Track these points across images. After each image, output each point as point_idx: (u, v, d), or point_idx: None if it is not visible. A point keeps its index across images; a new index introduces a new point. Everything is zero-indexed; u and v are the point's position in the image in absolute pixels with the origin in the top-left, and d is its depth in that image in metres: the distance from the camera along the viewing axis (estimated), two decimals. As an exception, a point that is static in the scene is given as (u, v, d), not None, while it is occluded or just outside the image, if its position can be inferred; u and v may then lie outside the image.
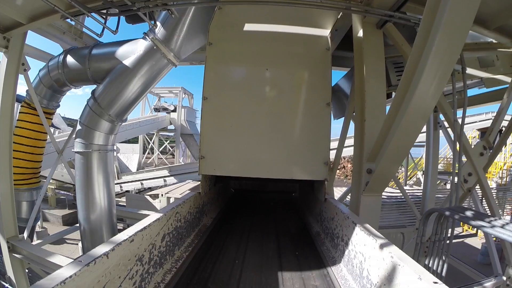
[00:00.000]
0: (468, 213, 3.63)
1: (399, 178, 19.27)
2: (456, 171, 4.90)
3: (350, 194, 5.05)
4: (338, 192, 10.55)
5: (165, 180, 16.90)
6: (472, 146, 5.29)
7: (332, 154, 5.46)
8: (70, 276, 1.66)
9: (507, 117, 6.77)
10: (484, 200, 5.87)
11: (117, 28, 4.90)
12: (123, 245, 2.19)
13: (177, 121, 24.70)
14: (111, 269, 2.05)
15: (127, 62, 4.98)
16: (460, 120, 4.76)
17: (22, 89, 6.01)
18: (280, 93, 4.39)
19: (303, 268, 3.27)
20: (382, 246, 2.31)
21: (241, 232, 4.46)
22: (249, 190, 7.65)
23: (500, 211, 12.12)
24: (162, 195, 12.35)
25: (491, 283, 5.50)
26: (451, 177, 5.27)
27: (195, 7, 4.55)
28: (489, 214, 5.36)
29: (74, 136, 5.55)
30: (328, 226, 3.92)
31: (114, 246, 2.09)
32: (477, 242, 14.70)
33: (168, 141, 31.64)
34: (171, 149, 31.37)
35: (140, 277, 2.46)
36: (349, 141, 7.33)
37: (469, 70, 5.67)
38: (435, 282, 1.76)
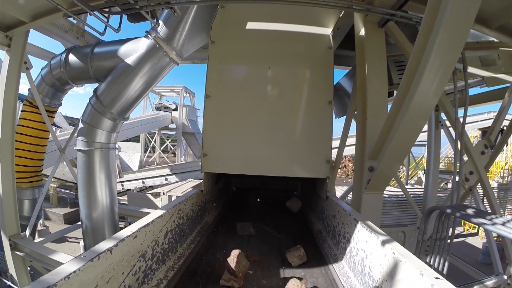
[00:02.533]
0: (469, 211, 3.64)
1: (401, 177, 19.27)
2: (458, 170, 4.91)
3: (351, 192, 5.06)
4: (339, 190, 10.55)
5: (166, 179, 16.88)
6: (474, 145, 5.29)
7: (334, 153, 5.46)
8: (74, 271, 1.67)
9: (508, 116, 6.78)
10: (485, 199, 5.88)
11: (119, 26, 4.91)
12: (127, 241, 2.21)
13: (178, 120, 24.75)
14: (114, 265, 2.06)
15: (129, 60, 4.98)
16: (461, 119, 4.77)
17: (24, 87, 6.04)
18: (282, 92, 4.41)
19: (305, 266, 3.28)
20: (383, 243, 2.32)
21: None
22: (250, 188, 7.65)
23: (501, 210, 12.11)
24: (163, 193, 12.37)
25: (492, 282, 5.51)
26: (452, 176, 5.28)
27: (198, 5, 4.56)
28: (490, 212, 5.37)
29: (76, 134, 5.56)
30: (329, 224, 3.93)
31: (117, 242, 2.10)
32: (478, 241, 14.69)
33: (170, 140, 31.74)
34: (172, 148, 31.43)
35: (143, 273, 2.47)
36: (351, 140, 7.36)
37: (471, 69, 5.68)
38: (437, 278, 1.77)
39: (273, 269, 3.18)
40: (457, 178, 4.86)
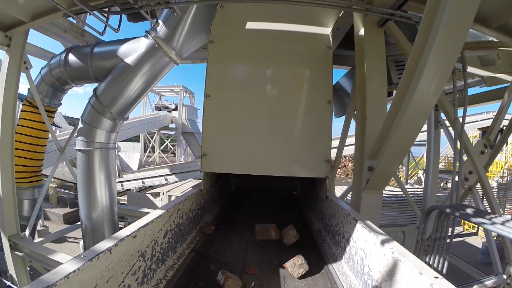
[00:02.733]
0: (469, 211, 3.64)
1: (400, 177, 19.28)
2: (457, 169, 4.91)
3: (351, 192, 5.07)
4: (339, 190, 10.55)
5: (166, 179, 16.87)
6: (473, 145, 5.29)
7: (333, 153, 5.46)
8: (74, 271, 1.68)
9: (508, 116, 6.78)
10: (484, 199, 5.88)
11: (119, 26, 4.90)
12: (126, 241, 2.21)
13: (178, 119, 24.72)
14: (114, 265, 2.06)
15: (129, 60, 4.98)
16: (461, 119, 4.77)
17: (24, 87, 6.04)
18: (282, 91, 4.41)
19: (307, 275, 3.27)
20: (383, 242, 2.33)
21: (242, 229, 4.47)
22: (250, 188, 7.66)
23: (501, 210, 12.12)
24: (163, 193, 12.36)
25: (491, 282, 5.51)
26: (451, 175, 5.28)
27: (197, 5, 4.56)
28: (490, 212, 5.37)
29: (75, 134, 5.56)
30: (329, 223, 3.93)
31: (117, 242, 2.10)
32: (477, 241, 14.70)
33: (169, 140, 31.72)
34: (172, 148, 31.46)
35: (143, 273, 2.47)
36: (350, 140, 7.35)
37: (470, 69, 5.68)
38: (436, 277, 1.77)
39: (274, 283, 3.01)
40: (456, 178, 4.87)
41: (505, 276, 5.55)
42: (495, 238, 6.17)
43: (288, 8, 4.31)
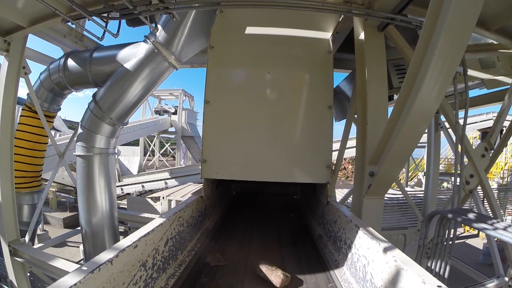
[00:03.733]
0: (471, 216, 3.63)
1: (400, 179, 19.26)
2: (458, 172, 4.89)
3: (352, 196, 5.05)
4: (339, 193, 10.53)
5: (166, 183, 16.88)
6: (474, 147, 5.28)
7: (334, 156, 5.45)
8: (75, 284, 1.66)
9: (508, 118, 6.78)
10: (485, 201, 5.86)
11: (118, 31, 4.89)
12: (127, 251, 2.19)
13: (177, 123, 24.71)
14: (115, 276, 2.04)
15: (128, 65, 4.98)
16: (461, 122, 4.75)
17: (23, 92, 6.02)
18: (282, 96, 4.39)
19: (306, 271, 3.27)
20: (385, 250, 2.31)
21: (243, 235, 4.45)
22: (250, 192, 7.65)
23: (501, 211, 12.10)
24: (163, 197, 12.32)
25: (493, 284, 5.49)
26: (452, 178, 5.26)
27: (196, 10, 4.55)
28: (491, 215, 5.35)
29: (75, 139, 5.55)
30: (330, 229, 3.91)
31: (118, 253, 2.09)
32: (478, 242, 14.66)
33: (169, 144, 31.66)
34: (172, 152, 31.38)
35: (144, 282, 2.45)
36: (350, 142, 7.34)
37: (470, 72, 5.66)
38: (439, 286, 1.76)
39: None
40: (458, 181, 4.85)
41: (506, 279, 5.53)
42: (496, 240, 6.14)
43: (287, 12, 4.29)
